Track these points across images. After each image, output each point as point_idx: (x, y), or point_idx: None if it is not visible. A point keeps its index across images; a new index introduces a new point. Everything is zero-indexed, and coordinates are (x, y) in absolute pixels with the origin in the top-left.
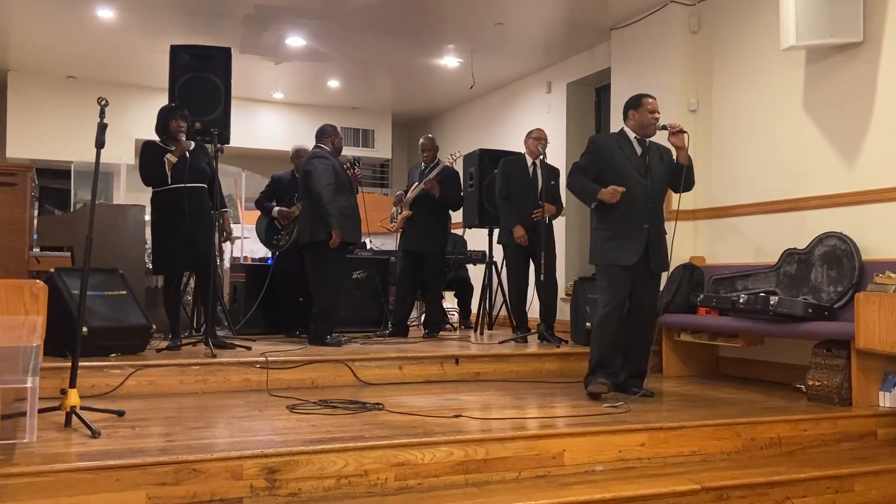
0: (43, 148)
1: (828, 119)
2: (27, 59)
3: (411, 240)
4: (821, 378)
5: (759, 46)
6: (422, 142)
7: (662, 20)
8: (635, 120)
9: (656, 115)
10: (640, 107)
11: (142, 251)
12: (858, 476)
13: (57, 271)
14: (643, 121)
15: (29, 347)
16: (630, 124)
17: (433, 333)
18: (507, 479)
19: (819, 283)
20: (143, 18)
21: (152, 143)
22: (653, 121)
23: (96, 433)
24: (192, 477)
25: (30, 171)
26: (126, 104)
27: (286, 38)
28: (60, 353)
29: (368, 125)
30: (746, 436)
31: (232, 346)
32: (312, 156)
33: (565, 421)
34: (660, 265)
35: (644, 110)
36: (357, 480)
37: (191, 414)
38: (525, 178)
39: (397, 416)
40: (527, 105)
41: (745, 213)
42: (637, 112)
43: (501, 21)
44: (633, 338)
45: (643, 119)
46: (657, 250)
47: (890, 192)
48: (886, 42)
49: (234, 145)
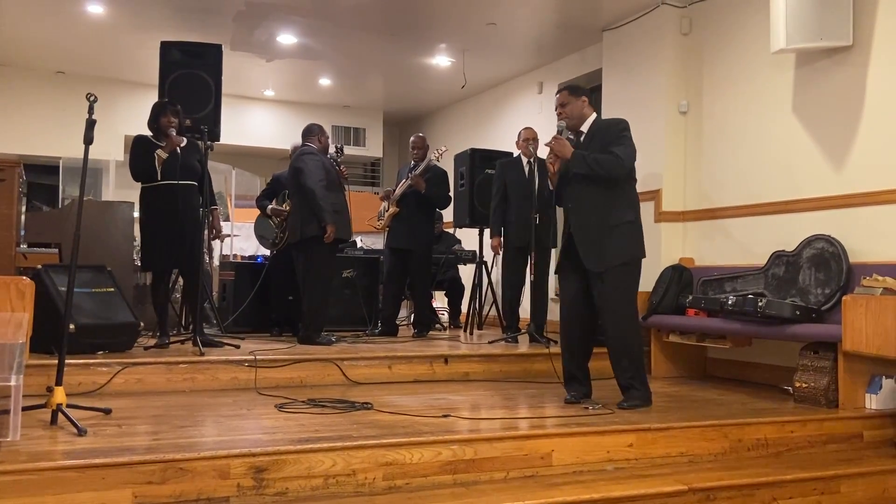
0: (31, 143)
1: (817, 122)
2: (16, 55)
3: (397, 237)
4: (808, 380)
5: (750, 49)
6: (412, 140)
7: (654, 22)
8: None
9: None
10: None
11: (130, 248)
12: (844, 477)
13: (44, 268)
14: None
15: (14, 344)
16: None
17: (423, 333)
18: (495, 479)
19: (807, 286)
20: (134, 14)
21: (143, 137)
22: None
23: (82, 431)
24: (179, 476)
25: (17, 167)
26: (115, 100)
27: (277, 35)
28: (47, 350)
29: (360, 123)
30: (734, 437)
31: (220, 345)
32: (301, 153)
33: (554, 421)
34: (592, 263)
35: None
36: (345, 480)
37: (178, 412)
38: (521, 179)
39: (386, 415)
40: (518, 105)
41: (734, 214)
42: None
43: (493, 21)
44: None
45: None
46: (587, 247)
47: (878, 195)
48: (875, 46)
49: (225, 142)
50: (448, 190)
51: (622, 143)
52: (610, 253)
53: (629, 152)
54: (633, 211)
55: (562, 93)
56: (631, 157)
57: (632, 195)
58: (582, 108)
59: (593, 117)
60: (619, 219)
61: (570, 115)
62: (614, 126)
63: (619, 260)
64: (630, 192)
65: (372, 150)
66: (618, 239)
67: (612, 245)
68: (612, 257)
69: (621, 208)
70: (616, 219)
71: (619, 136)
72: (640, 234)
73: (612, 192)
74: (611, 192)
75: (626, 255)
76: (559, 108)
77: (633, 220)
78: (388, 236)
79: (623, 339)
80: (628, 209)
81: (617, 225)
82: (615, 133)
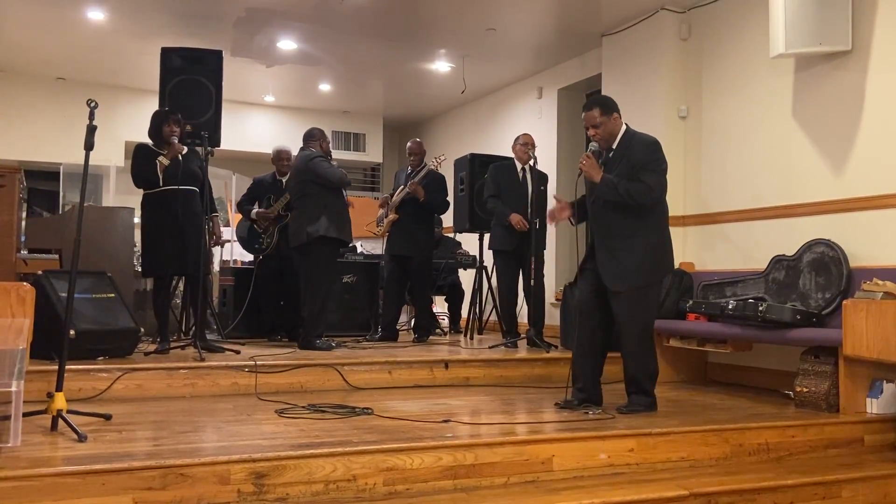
0: (32, 149)
1: (816, 127)
2: (16, 61)
3: (397, 244)
4: (809, 384)
5: (749, 54)
6: (409, 146)
7: (653, 27)
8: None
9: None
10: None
11: (131, 254)
12: (845, 482)
13: (45, 274)
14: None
15: (14, 350)
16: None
17: (423, 338)
18: (495, 484)
19: (807, 290)
20: (134, 21)
21: (145, 145)
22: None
23: (83, 437)
24: (180, 481)
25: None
26: (116, 106)
27: (278, 41)
28: (47, 356)
29: (359, 129)
30: (735, 442)
31: (221, 350)
32: (310, 157)
33: (554, 426)
34: (611, 282)
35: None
36: (345, 485)
37: (178, 418)
38: (515, 184)
39: (386, 420)
40: (518, 110)
41: (734, 219)
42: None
43: (493, 26)
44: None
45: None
46: (608, 266)
47: (878, 200)
48: (874, 50)
49: (225, 148)
50: (446, 195)
51: (654, 171)
52: (631, 274)
53: (661, 181)
54: (658, 231)
55: (592, 111)
56: (662, 186)
57: (659, 215)
58: (615, 126)
59: (623, 129)
60: (643, 240)
61: (603, 136)
62: (646, 147)
63: (638, 282)
64: (657, 213)
65: (372, 156)
66: (640, 260)
67: (633, 266)
68: (632, 278)
69: (647, 229)
70: (641, 240)
71: (652, 161)
72: (665, 253)
73: (638, 212)
74: (636, 212)
75: (646, 277)
76: (591, 129)
77: (656, 241)
78: (387, 243)
79: (634, 356)
80: (654, 230)
81: (641, 246)
82: (647, 157)
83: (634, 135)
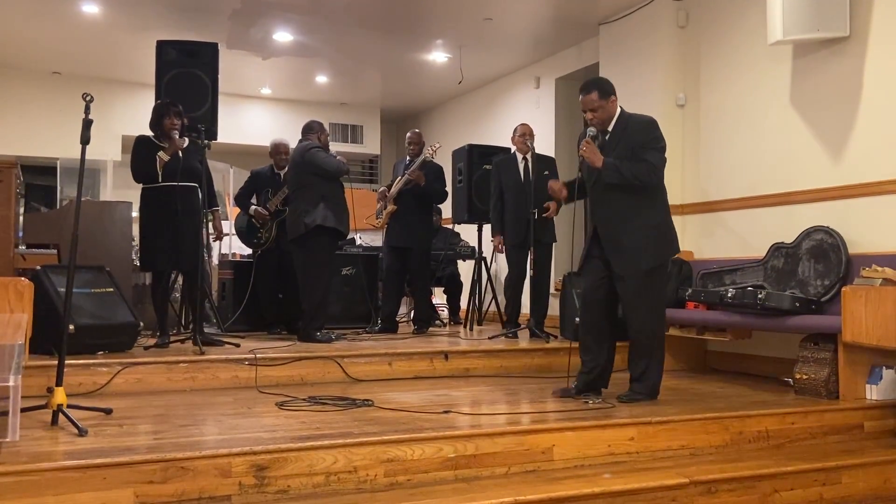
0: (28, 144)
1: (814, 113)
2: (11, 55)
3: (396, 236)
4: (808, 371)
5: (747, 41)
6: (409, 136)
7: (650, 15)
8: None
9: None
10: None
11: (129, 248)
12: (845, 469)
13: (43, 269)
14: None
15: (12, 345)
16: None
17: (422, 329)
18: (496, 474)
19: (806, 277)
20: (129, 14)
21: (146, 138)
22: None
23: (83, 431)
24: (181, 475)
25: (14, 168)
26: (112, 100)
27: (273, 33)
28: (47, 351)
29: (357, 121)
30: (734, 429)
31: (220, 343)
32: (307, 148)
33: (555, 416)
34: (618, 266)
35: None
36: (346, 477)
37: (179, 411)
38: (517, 176)
39: (386, 412)
40: (515, 100)
41: (732, 207)
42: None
43: (490, 16)
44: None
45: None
46: (613, 251)
47: (876, 186)
48: (872, 36)
49: (222, 141)
50: (444, 185)
51: (654, 149)
52: (636, 258)
53: (662, 157)
54: (661, 212)
55: (590, 95)
56: (663, 163)
57: (661, 195)
58: (612, 109)
59: (619, 112)
60: (647, 222)
61: (601, 119)
62: (644, 127)
63: (645, 265)
64: (659, 193)
65: (370, 147)
66: (645, 243)
67: (638, 250)
68: (638, 262)
69: (649, 211)
70: (643, 222)
71: (651, 140)
72: (669, 233)
73: (640, 195)
74: (638, 195)
75: (652, 260)
76: (589, 112)
77: (659, 221)
78: (386, 234)
79: (640, 340)
80: (656, 211)
81: (644, 228)
82: (646, 136)
83: (630, 116)
